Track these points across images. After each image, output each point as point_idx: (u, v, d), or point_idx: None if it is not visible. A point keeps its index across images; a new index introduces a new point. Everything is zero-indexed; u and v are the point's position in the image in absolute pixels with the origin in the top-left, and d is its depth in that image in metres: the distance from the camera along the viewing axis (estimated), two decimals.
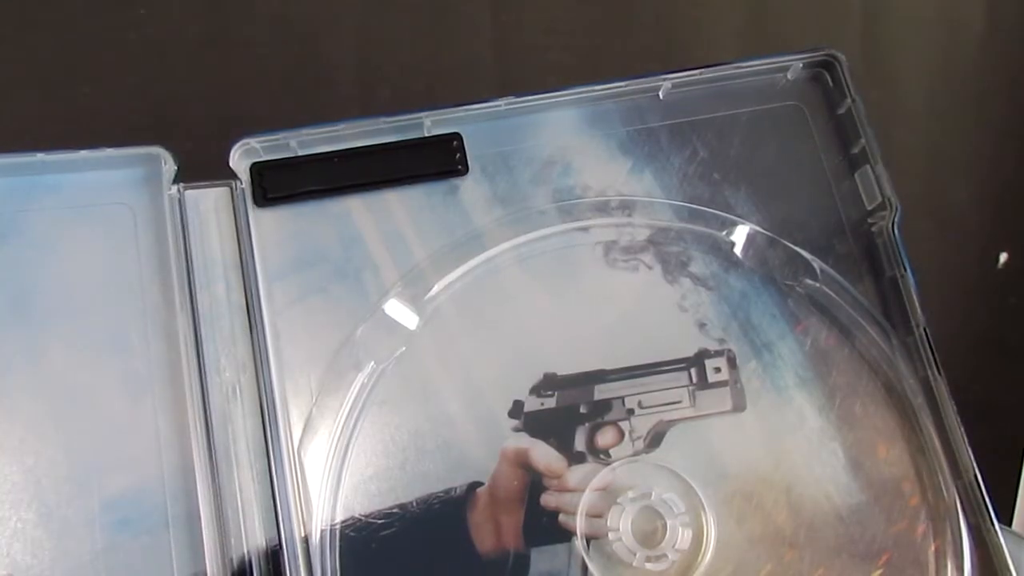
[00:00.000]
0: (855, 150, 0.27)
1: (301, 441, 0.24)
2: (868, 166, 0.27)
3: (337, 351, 0.25)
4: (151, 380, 0.24)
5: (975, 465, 0.25)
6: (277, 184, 0.26)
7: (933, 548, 0.25)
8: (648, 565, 0.24)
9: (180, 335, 0.25)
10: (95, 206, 0.26)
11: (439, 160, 0.26)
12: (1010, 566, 0.24)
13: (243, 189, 0.26)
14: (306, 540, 0.23)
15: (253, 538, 0.23)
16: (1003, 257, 0.38)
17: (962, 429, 0.25)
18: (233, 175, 0.26)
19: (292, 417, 0.24)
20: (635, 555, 0.24)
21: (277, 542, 0.23)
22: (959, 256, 0.38)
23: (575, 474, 0.25)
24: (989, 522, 0.24)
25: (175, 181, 0.26)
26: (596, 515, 0.24)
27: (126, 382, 0.24)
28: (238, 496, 0.24)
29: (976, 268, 0.38)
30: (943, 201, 0.38)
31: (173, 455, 0.24)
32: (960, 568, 0.24)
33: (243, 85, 0.37)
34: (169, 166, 0.25)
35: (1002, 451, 0.36)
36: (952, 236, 0.38)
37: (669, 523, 0.24)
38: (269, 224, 0.26)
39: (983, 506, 0.24)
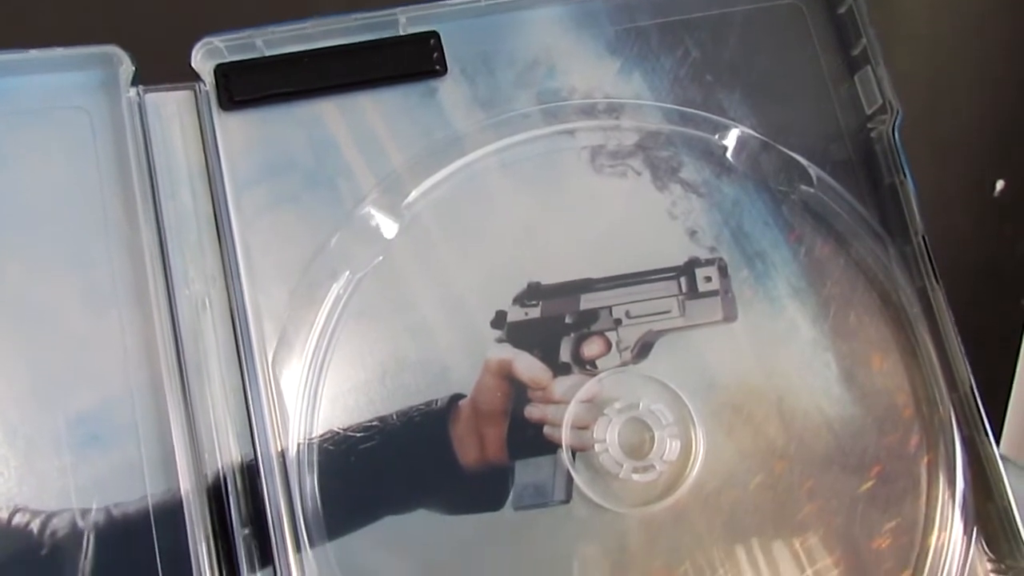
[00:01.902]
0: (855, 51, 0.26)
1: (275, 354, 0.24)
2: (869, 67, 0.26)
3: (311, 261, 0.24)
4: (115, 294, 0.23)
5: (971, 377, 0.24)
6: (244, 87, 0.24)
7: (926, 461, 0.24)
8: (635, 476, 0.23)
9: (144, 247, 0.24)
10: (49, 111, 0.24)
11: (415, 60, 0.25)
12: (1004, 477, 0.24)
13: (207, 92, 0.25)
14: (282, 455, 0.23)
15: (227, 453, 0.23)
16: (999, 185, 0.37)
17: (959, 340, 0.24)
18: (196, 77, 0.25)
19: (266, 330, 0.24)
20: (622, 467, 0.23)
21: (252, 457, 0.23)
22: (955, 183, 0.37)
23: (560, 385, 0.24)
24: (984, 434, 0.24)
25: (134, 84, 0.24)
26: (582, 427, 0.24)
27: (89, 297, 0.23)
28: (211, 411, 0.23)
29: (972, 195, 0.37)
30: (941, 127, 0.37)
31: (141, 370, 0.23)
32: (952, 481, 0.24)
33: None
34: (126, 67, 0.24)
35: (992, 376, 0.36)
36: (949, 163, 0.37)
37: (657, 434, 0.24)
38: (236, 129, 0.24)
39: (978, 419, 0.24)
